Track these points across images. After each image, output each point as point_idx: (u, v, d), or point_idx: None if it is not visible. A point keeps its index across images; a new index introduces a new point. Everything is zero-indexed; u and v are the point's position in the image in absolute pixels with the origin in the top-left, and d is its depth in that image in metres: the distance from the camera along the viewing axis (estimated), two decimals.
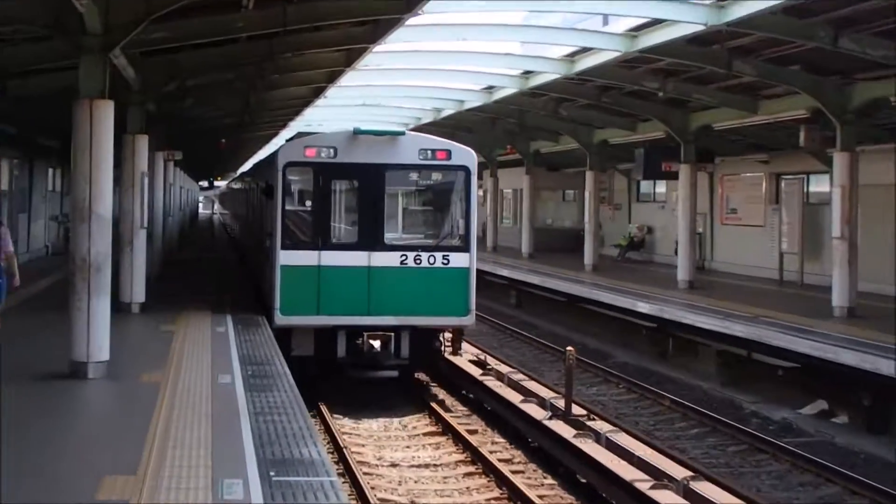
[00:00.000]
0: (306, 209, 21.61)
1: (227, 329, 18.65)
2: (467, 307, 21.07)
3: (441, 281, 21.26)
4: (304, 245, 21.06)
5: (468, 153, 21.25)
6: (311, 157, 21.40)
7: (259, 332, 18.64)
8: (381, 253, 21.17)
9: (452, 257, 21.34)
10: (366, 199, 21.13)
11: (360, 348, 20.69)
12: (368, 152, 21.15)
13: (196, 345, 16.64)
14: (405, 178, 21.76)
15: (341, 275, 21.13)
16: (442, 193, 21.76)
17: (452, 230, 21.78)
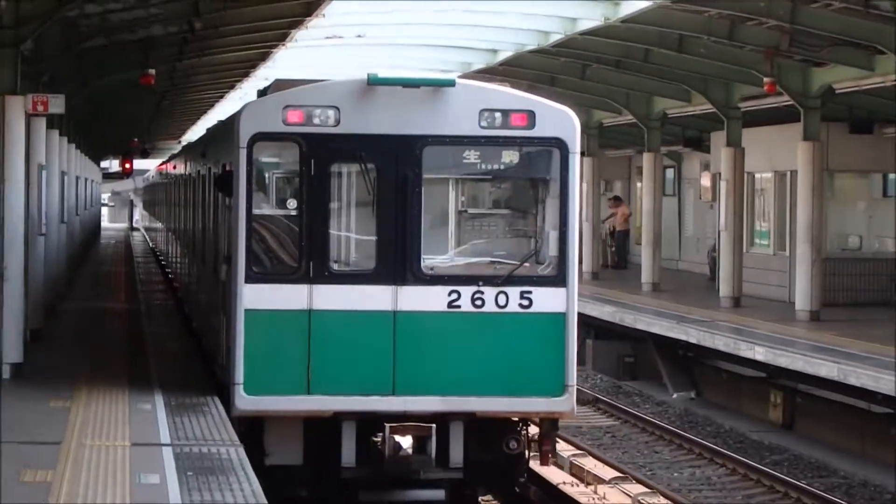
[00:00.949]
0: (288, 214, 13.92)
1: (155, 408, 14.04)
2: (562, 381, 13.85)
3: (518, 335, 13.80)
4: (284, 275, 13.76)
5: (567, 116, 14.06)
6: (295, 123, 13.63)
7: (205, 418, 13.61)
8: (415, 288, 13.74)
9: (538, 295, 13.87)
10: (390, 196, 13.72)
11: (380, 452, 13.48)
12: (394, 116, 13.66)
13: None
14: (456, 159, 13.93)
15: (348, 325, 13.66)
16: (520, 186, 14.38)
17: (539, 249, 14.16)
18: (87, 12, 19.80)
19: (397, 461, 13.42)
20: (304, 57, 31.48)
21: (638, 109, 32.11)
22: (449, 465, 13.78)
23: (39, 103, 17.93)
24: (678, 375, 26.57)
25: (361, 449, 13.72)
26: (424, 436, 13.44)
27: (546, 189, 14.08)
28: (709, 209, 35.38)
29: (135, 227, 78.16)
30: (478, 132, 13.69)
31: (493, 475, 14.47)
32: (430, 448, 13.48)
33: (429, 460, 13.51)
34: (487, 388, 13.67)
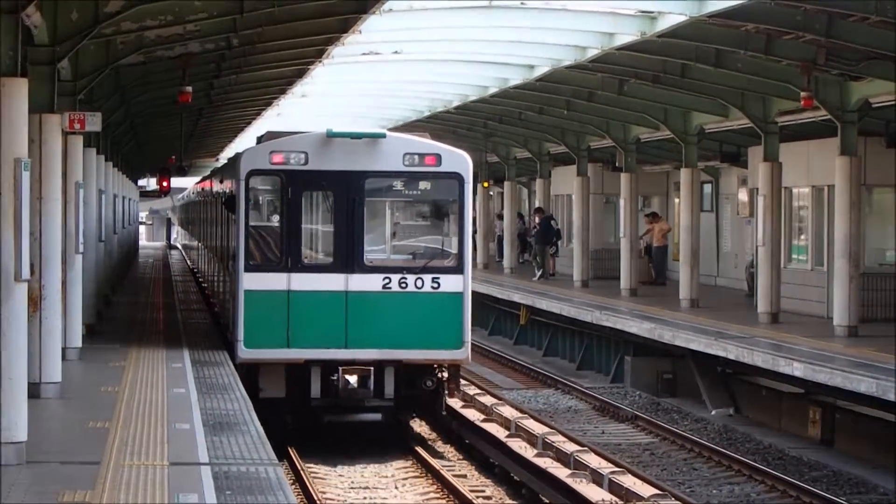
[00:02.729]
0: (273, 225, 20.99)
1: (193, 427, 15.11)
2: (461, 338, 20.66)
3: (430, 307, 20.53)
4: (271, 267, 20.59)
5: (462, 158, 21.01)
6: (278, 163, 20.59)
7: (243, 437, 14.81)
8: (360, 275, 20.59)
9: (444, 280, 20.57)
10: (342, 212, 20.71)
11: (336, 387, 20.22)
12: (345, 158, 20.57)
13: None
14: (388, 187, 21.10)
15: (314, 301, 20.43)
16: (432, 205, 21.31)
17: (444, 248, 21.13)
18: (124, 29, 19.76)
19: (347, 393, 19.98)
20: (341, 73, 31.36)
21: (675, 124, 31.82)
22: (384, 397, 20.18)
23: (76, 121, 18.84)
24: (717, 392, 26.36)
25: (324, 386, 19.95)
26: (365, 375, 19.96)
27: (449, 208, 20.65)
28: (746, 224, 35.17)
29: (173, 244, 77.80)
30: (402, 168, 20.31)
31: (416, 405, 21.18)
32: (369, 384, 20.00)
33: (368, 392, 20.00)
34: (410, 343, 20.10)
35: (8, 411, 12.87)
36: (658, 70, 27.50)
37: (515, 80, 31.04)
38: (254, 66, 26.81)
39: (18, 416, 12.96)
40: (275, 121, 44.05)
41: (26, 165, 13.19)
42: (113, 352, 21.62)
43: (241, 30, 21.33)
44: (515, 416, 23.12)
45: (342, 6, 20.86)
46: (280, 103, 36.64)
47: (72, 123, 18.62)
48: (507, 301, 37.22)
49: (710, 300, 32.23)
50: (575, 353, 33.10)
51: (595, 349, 32.05)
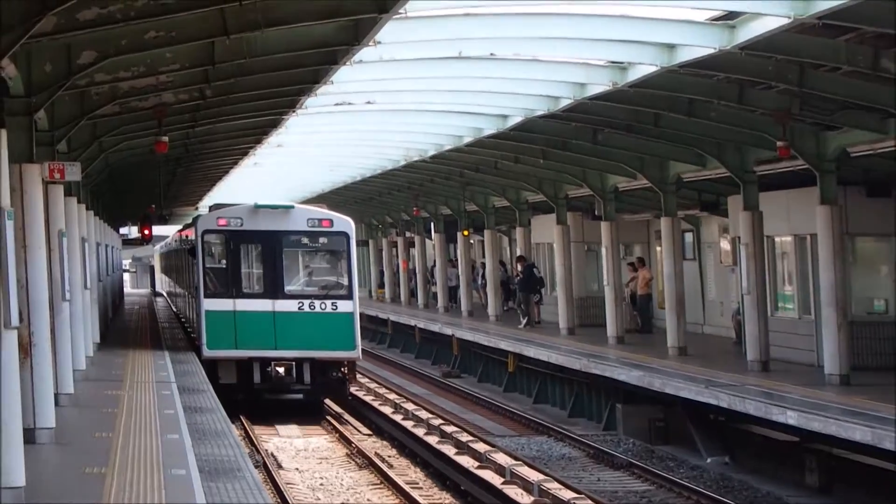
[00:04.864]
0: (222, 266, 30.51)
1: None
2: (354, 343, 30.09)
3: (331, 322, 29.80)
4: (222, 294, 30.05)
5: (347, 222, 31.03)
6: (223, 225, 30.52)
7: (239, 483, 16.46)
8: (282, 300, 30.01)
9: (339, 304, 30.01)
10: (268, 258, 30.38)
11: (271, 375, 29.93)
12: (268, 221, 30.28)
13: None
14: (298, 241, 30.55)
15: (252, 317, 29.77)
16: (328, 253, 30.84)
17: (338, 282, 30.63)
18: (98, 80, 20.08)
19: (278, 380, 29.88)
20: (315, 122, 31.72)
21: (652, 173, 32.09)
22: (304, 383, 29.86)
23: (56, 171, 19.84)
24: (711, 440, 26.52)
25: (263, 375, 29.73)
26: (290, 368, 29.66)
27: (340, 255, 30.41)
28: (731, 272, 35.44)
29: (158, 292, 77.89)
30: (307, 229, 30.21)
31: (327, 390, 31.18)
32: (293, 373, 29.72)
33: (292, 380, 29.73)
34: (319, 346, 29.59)
35: (6, 456, 13.26)
36: (632, 119, 27.80)
37: (489, 129, 31.50)
38: (229, 116, 27.13)
39: (16, 461, 13.38)
40: (251, 170, 44.36)
41: (10, 214, 13.57)
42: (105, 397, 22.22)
43: (213, 81, 21.79)
44: (510, 462, 23.61)
45: (313, 57, 21.20)
46: (257, 152, 36.96)
47: (52, 173, 19.47)
48: (495, 349, 37.51)
49: (698, 348, 32.33)
50: (565, 401, 33.27)
51: (585, 397, 32.29)
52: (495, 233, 48.10)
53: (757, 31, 19.97)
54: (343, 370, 30.64)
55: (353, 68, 22.65)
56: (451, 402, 35.50)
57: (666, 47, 22.03)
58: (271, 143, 34.47)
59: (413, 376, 42.18)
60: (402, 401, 33.49)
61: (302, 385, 29.73)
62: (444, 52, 23.32)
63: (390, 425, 30.02)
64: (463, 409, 34.03)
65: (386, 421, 30.61)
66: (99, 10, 16.25)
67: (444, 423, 29.35)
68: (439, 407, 33.44)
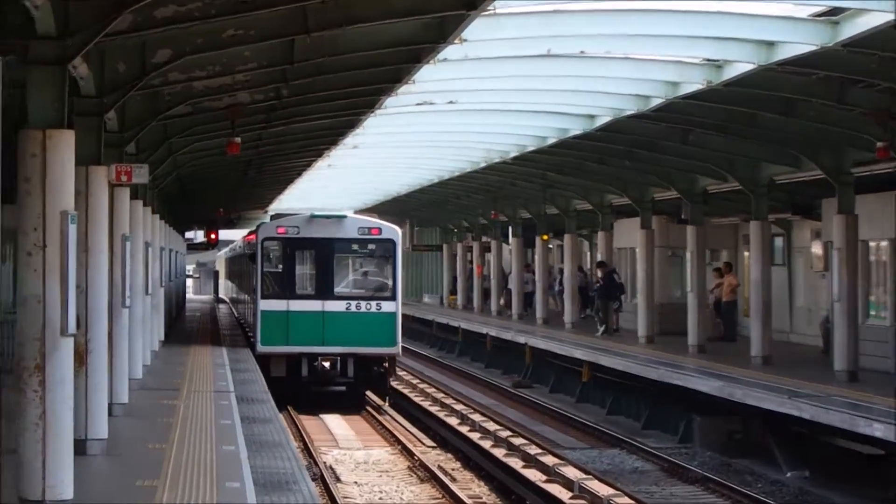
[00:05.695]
0: (278, 270, 33.96)
1: None
2: (394, 340, 33.22)
3: (375, 321, 32.94)
4: (277, 295, 33.48)
5: (394, 230, 34.17)
6: (281, 233, 33.90)
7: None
8: (331, 301, 33.19)
9: (383, 304, 33.11)
10: (321, 262, 33.69)
11: (317, 369, 33.31)
12: (322, 229, 33.61)
13: None
14: (348, 247, 33.94)
15: (303, 316, 33.04)
16: (376, 258, 34.05)
17: (383, 285, 33.78)
18: (171, 80, 19.85)
19: (324, 373, 33.21)
20: (394, 123, 31.46)
21: (744, 175, 31.55)
22: (348, 376, 33.27)
23: (123, 173, 19.25)
24: (791, 453, 26.00)
25: (310, 368, 33.09)
26: (334, 362, 32.99)
27: (386, 262, 33.64)
28: (821, 279, 35.00)
29: (221, 298, 77.52)
30: (357, 236, 33.55)
31: (369, 383, 34.39)
32: (337, 367, 33.11)
33: (337, 373, 33.18)
34: (362, 343, 32.76)
35: (55, 469, 13.14)
36: (724, 119, 27.32)
37: (575, 129, 31.14)
38: (305, 117, 26.88)
39: (65, 474, 13.25)
40: (324, 172, 44.45)
41: (73, 218, 13.46)
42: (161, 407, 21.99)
43: (291, 80, 21.49)
44: (579, 476, 23.29)
45: (395, 56, 20.87)
46: (331, 154, 36.91)
47: (118, 175, 19.07)
48: (569, 357, 37.02)
49: (783, 357, 31.64)
50: (640, 412, 32.71)
51: (661, 408, 31.73)
52: (575, 237, 47.67)
53: (861, 27, 19.67)
54: (384, 365, 34.01)
55: (437, 67, 22.31)
56: (521, 413, 35.10)
57: (764, 44, 21.67)
58: (347, 143, 34.39)
59: (482, 386, 41.81)
60: (470, 411, 33.21)
61: (346, 378, 33.35)
62: (531, 49, 22.94)
63: (456, 437, 29.71)
64: (533, 420, 33.69)
65: (451, 432, 30.29)
66: (177, 7, 15.92)
67: (511, 434, 28.98)
68: (508, 418, 33.09)
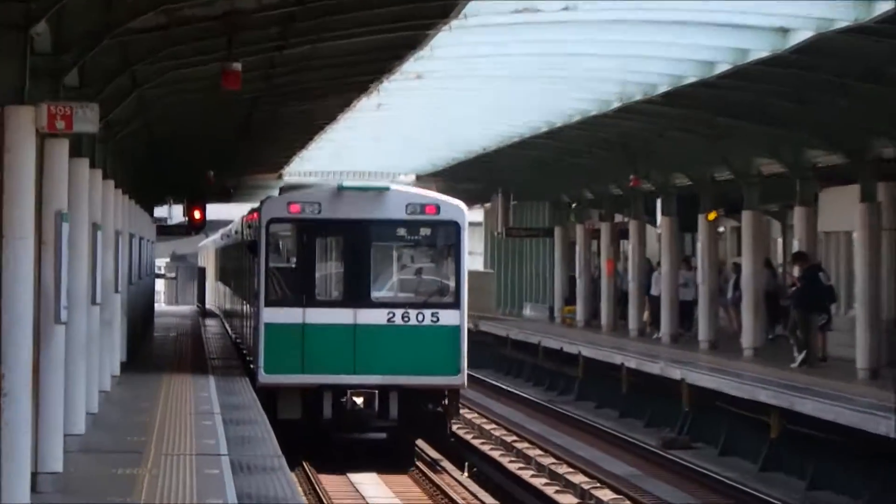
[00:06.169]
0: (291, 266, 34.56)
1: None
2: (458, 366, 33.71)
3: (430, 339, 33.40)
4: (288, 302, 33.81)
5: (458, 208, 34.40)
6: (295, 213, 33.75)
7: None
8: (367, 310, 33.56)
9: (442, 315, 33.57)
10: (351, 255, 34.12)
11: (346, 407, 33.22)
12: (353, 208, 33.74)
13: None
14: (392, 233, 34.26)
15: (326, 332, 33.37)
16: (432, 249, 34.76)
17: (442, 287, 34.41)
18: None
19: (353, 413, 33.05)
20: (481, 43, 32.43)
21: None
22: (389, 418, 33.42)
23: (59, 117, 18.53)
24: None
25: (336, 407, 32.96)
26: (370, 398, 33.01)
27: (447, 252, 34.11)
28: None
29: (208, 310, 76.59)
30: (405, 217, 33.60)
31: (420, 427, 34.67)
32: (374, 405, 33.02)
33: (373, 413, 33.10)
34: (410, 369, 33.02)
35: None
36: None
37: (760, 51, 31.21)
38: (339, 32, 27.01)
39: None
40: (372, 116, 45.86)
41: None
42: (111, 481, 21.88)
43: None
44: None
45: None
46: (381, 88, 37.74)
47: (52, 120, 18.56)
48: (750, 402, 36.58)
49: None
50: (860, 488, 32.01)
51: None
52: (760, 215, 47.15)
53: None
54: (443, 402, 34.68)
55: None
56: (675, 487, 34.60)
57: None
58: (406, 72, 35.29)
59: (615, 446, 41.19)
60: (594, 486, 32.81)
61: (386, 421, 33.95)
62: None
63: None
64: (693, 497, 33.42)
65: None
66: None
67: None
68: (657, 499, 32.62)
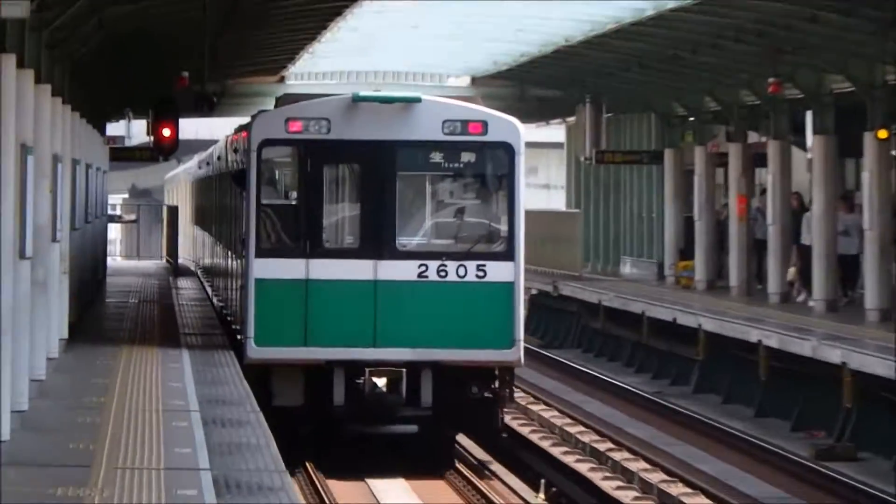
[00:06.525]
0: (290, 203, 36.22)
1: None
2: (512, 336, 34.91)
3: (474, 300, 35.25)
4: (286, 251, 35.67)
5: (512, 125, 35.81)
6: (295, 132, 35.80)
7: None
8: (391, 262, 35.31)
9: (491, 268, 35.43)
10: (371, 188, 35.76)
11: (363, 391, 34.04)
12: (373, 126, 35.66)
13: None
14: (424, 159, 36.22)
15: (338, 291, 35.28)
16: (476, 181, 36.62)
17: (491, 231, 36.21)
18: None
19: (374, 397, 34.42)
20: None
21: None
22: (420, 405, 34.51)
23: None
24: None
25: (350, 390, 34.26)
26: (397, 379, 34.63)
27: (497, 183, 36.34)
28: None
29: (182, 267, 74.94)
30: (441, 137, 35.89)
31: (461, 417, 35.56)
32: (401, 388, 34.59)
33: (400, 398, 34.47)
34: (450, 341, 35.09)
35: None
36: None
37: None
38: None
39: None
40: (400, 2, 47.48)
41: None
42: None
43: None
44: None
45: None
46: None
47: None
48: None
49: None
50: None
51: None
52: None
53: None
54: (493, 384, 35.01)
55: None
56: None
57: None
58: None
59: (750, 457, 42.12)
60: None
61: (417, 409, 34.46)
62: None
63: None
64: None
65: None
66: None
67: None
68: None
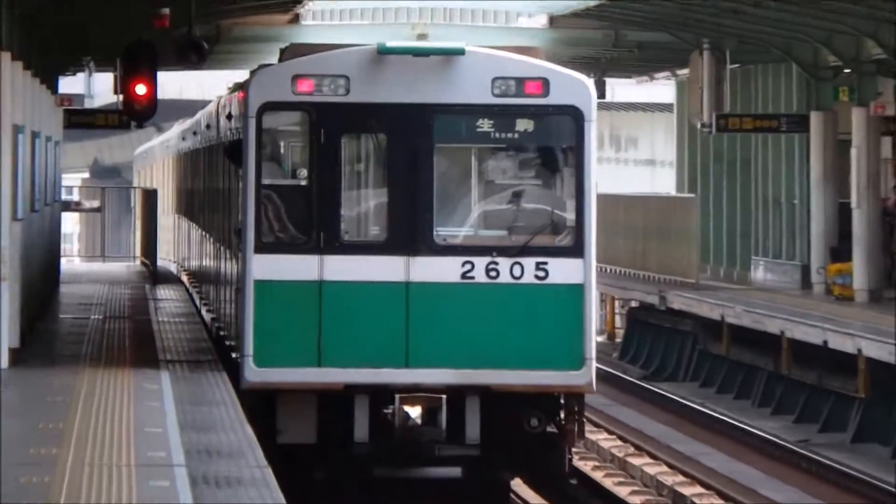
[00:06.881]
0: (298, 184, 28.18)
1: None
2: (581, 353, 27.29)
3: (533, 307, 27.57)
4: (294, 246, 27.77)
5: (581, 83, 27.82)
6: (305, 93, 27.85)
7: None
8: (428, 259, 27.65)
9: (554, 266, 27.67)
10: (401, 166, 27.68)
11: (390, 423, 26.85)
12: (405, 85, 27.74)
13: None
14: (469, 128, 28.04)
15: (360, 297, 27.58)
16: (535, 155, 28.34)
17: (555, 221, 28.08)
18: None
19: (407, 432, 26.62)
20: None
21: None
22: (465, 442, 26.71)
23: None
24: None
25: (374, 423, 26.43)
26: (436, 408, 26.63)
27: (562, 158, 27.63)
28: None
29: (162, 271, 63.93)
30: (490, 100, 27.33)
31: (517, 457, 27.81)
32: (440, 420, 26.66)
33: (439, 432, 26.73)
34: (503, 360, 26.91)
35: None
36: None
37: None
38: None
39: None
40: None
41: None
42: None
43: None
44: None
45: None
46: None
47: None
48: None
49: None
50: None
51: None
52: None
53: None
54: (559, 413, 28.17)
55: None
56: None
57: None
58: None
59: None
60: None
61: (461, 447, 27.40)
62: None
63: None
64: None
65: None
66: None
67: None
68: None
